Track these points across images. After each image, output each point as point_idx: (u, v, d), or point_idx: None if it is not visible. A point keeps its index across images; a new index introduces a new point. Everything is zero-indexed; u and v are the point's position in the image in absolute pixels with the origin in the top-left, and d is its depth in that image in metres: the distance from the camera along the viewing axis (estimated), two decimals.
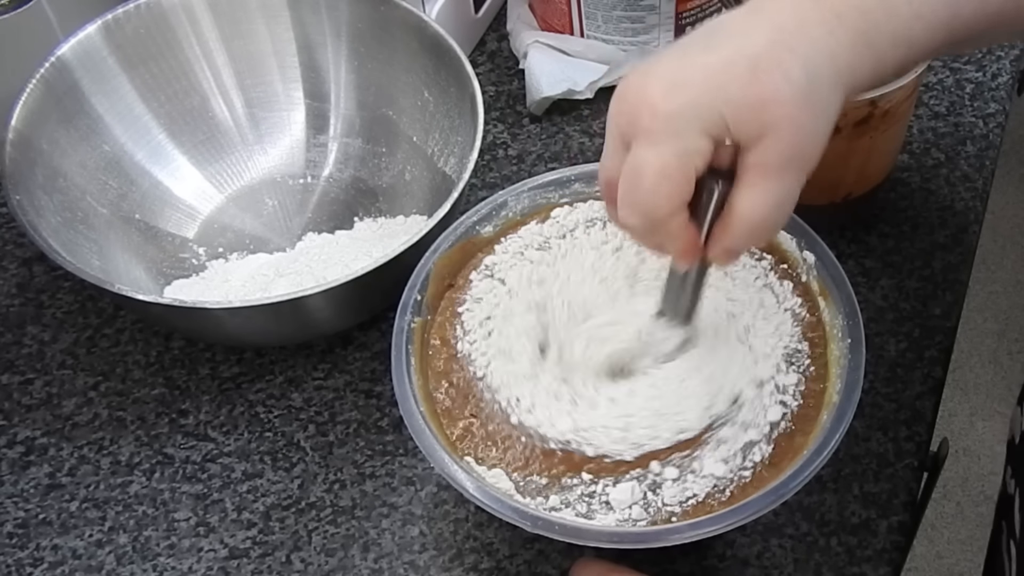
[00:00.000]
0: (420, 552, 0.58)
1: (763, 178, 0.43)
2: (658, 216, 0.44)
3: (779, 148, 0.42)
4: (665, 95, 0.42)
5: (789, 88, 0.42)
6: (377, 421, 0.63)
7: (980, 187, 0.71)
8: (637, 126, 0.43)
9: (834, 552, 0.57)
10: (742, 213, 0.44)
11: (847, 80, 0.44)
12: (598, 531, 0.48)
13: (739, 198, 0.44)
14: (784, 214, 0.45)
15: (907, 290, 0.66)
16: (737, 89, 0.42)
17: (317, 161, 0.75)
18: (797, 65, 0.42)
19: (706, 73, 0.42)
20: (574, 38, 0.78)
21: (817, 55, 0.43)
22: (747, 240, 0.46)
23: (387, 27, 0.70)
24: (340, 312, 0.62)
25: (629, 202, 0.44)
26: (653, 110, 0.42)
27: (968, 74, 0.77)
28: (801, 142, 0.43)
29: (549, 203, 0.60)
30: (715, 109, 0.42)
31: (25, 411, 0.65)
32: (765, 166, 0.43)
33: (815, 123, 0.43)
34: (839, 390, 0.50)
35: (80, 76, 0.68)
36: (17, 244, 0.73)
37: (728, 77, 0.42)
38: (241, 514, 0.60)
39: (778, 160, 0.43)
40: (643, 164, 0.43)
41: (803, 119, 0.42)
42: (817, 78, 0.43)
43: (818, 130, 0.43)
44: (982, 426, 1.64)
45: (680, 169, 0.43)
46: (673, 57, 0.44)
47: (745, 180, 0.43)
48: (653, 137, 0.43)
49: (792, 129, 0.42)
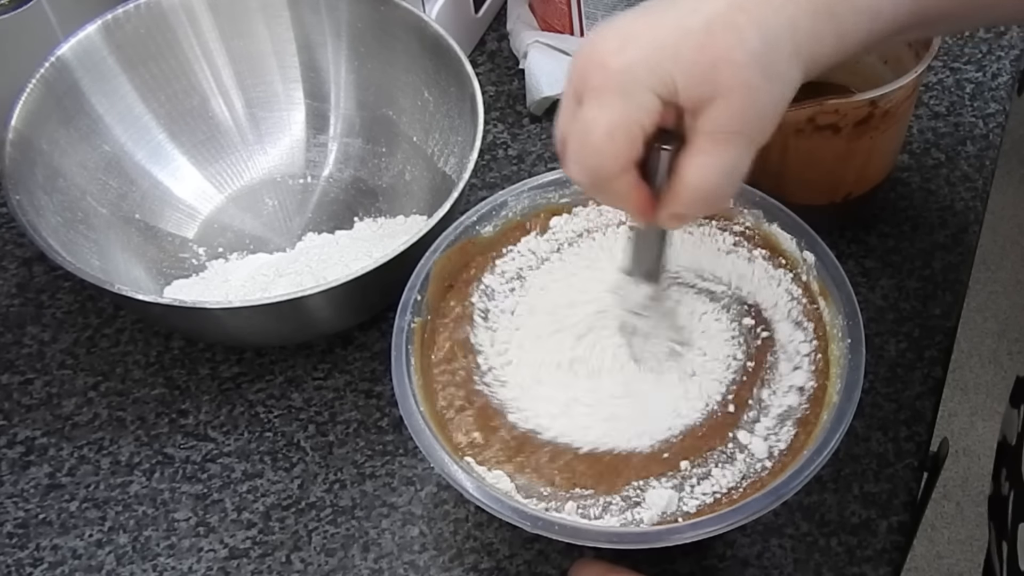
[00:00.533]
0: (420, 552, 0.58)
1: (712, 144, 0.42)
2: (604, 175, 0.43)
3: (729, 113, 0.41)
4: (616, 52, 0.42)
5: (743, 51, 0.41)
6: (377, 421, 0.63)
7: (980, 187, 0.71)
8: (587, 83, 0.43)
9: (834, 552, 0.57)
10: (689, 180, 0.43)
11: (807, 51, 0.43)
12: (598, 531, 0.48)
13: (686, 164, 0.43)
14: (733, 183, 0.44)
15: (907, 290, 0.66)
16: (689, 49, 0.41)
17: (317, 161, 0.75)
18: (753, 29, 0.41)
19: (659, 31, 0.42)
20: (574, 38, 0.78)
21: (776, 21, 0.42)
22: (695, 207, 0.45)
23: (387, 27, 0.70)
24: (340, 312, 0.62)
25: (577, 159, 0.44)
26: (603, 67, 0.42)
27: (968, 74, 0.77)
28: (753, 109, 0.42)
29: (549, 203, 0.60)
30: (665, 68, 0.41)
31: (25, 411, 0.65)
32: (714, 132, 0.42)
33: (769, 91, 0.42)
34: (839, 390, 0.50)
35: (80, 76, 0.68)
36: (17, 244, 0.73)
37: (681, 36, 0.41)
38: (241, 514, 0.60)
39: (728, 126, 0.42)
40: (590, 122, 0.42)
41: (756, 84, 0.41)
42: (775, 45, 0.41)
43: (772, 99, 0.42)
44: (982, 426, 1.64)
45: (626, 127, 0.42)
46: (629, 17, 0.43)
47: (693, 145, 0.43)
48: (601, 94, 0.42)
49: (744, 94, 0.41)
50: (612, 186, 0.44)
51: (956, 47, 0.79)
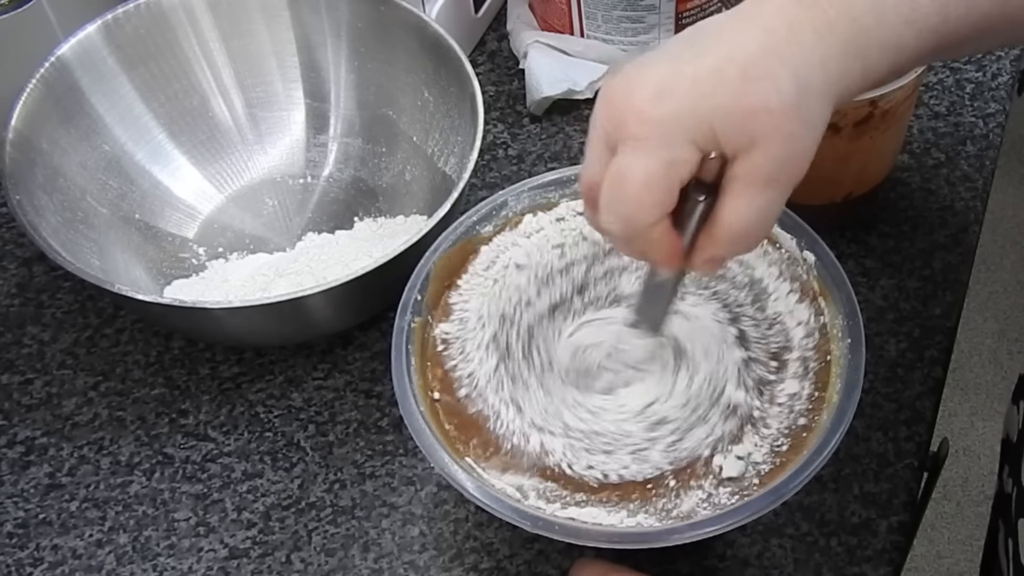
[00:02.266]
0: (420, 552, 0.58)
1: (750, 189, 0.42)
2: (640, 225, 0.43)
3: (767, 160, 0.42)
4: (653, 102, 0.42)
5: (779, 98, 0.41)
6: (377, 421, 0.63)
7: (980, 187, 0.71)
8: (623, 131, 0.42)
9: (834, 552, 0.57)
10: (727, 224, 0.43)
11: (836, 89, 0.43)
12: (598, 531, 0.48)
13: (725, 209, 0.43)
14: (769, 225, 0.44)
15: (907, 290, 0.66)
16: (726, 99, 0.41)
17: (317, 161, 0.75)
18: (787, 74, 0.41)
19: (695, 81, 0.41)
20: (574, 38, 0.78)
21: (808, 64, 0.42)
22: (731, 250, 0.45)
23: (387, 27, 0.70)
24: (340, 312, 0.62)
25: (611, 209, 0.44)
26: (640, 116, 0.42)
27: (968, 74, 0.77)
28: (790, 154, 0.42)
29: (549, 203, 0.60)
30: (703, 119, 0.41)
31: (25, 411, 0.65)
32: (752, 177, 0.42)
33: (804, 134, 0.42)
34: (839, 390, 0.50)
35: (80, 76, 0.68)
36: (17, 244, 0.73)
37: (717, 86, 0.41)
38: (241, 514, 0.60)
39: (766, 172, 0.42)
40: (628, 171, 0.42)
41: (792, 130, 0.42)
42: (807, 88, 0.42)
43: (807, 142, 0.43)
44: (982, 426, 1.64)
45: (665, 179, 0.42)
46: (662, 61, 0.43)
47: (731, 191, 0.43)
48: (639, 144, 0.42)
49: (781, 140, 0.41)
50: (646, 236, 0.44)
51: None
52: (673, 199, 0.43)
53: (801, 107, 0.42)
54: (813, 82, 0.42)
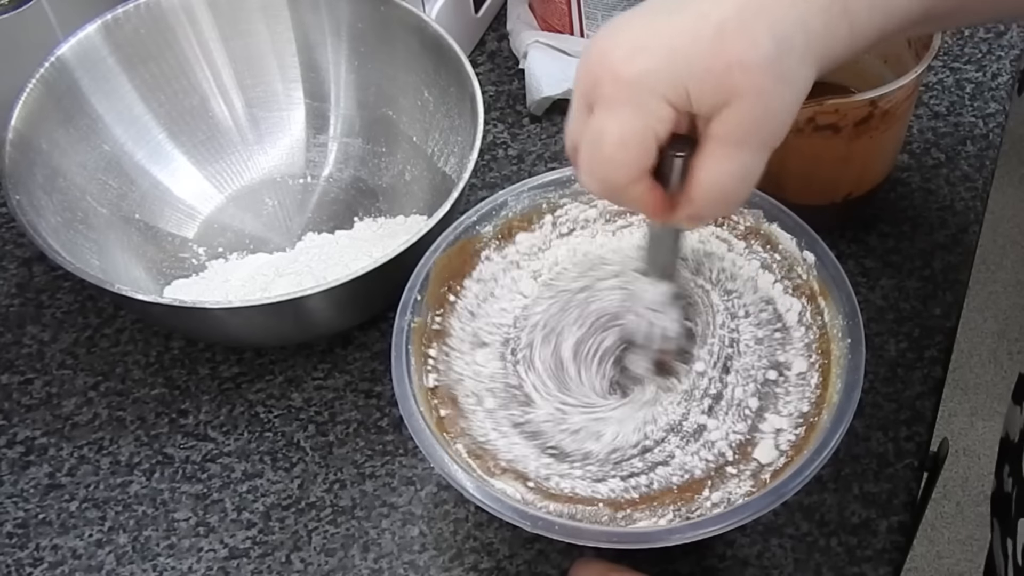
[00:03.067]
0: (420, 552, 0.58)
1: (725, 148, 0.42)
2: (617, 184, 0.43)
3: (742, 117, 0.41)
4: (627, 60, 0.41)
5: (755, 54, 0.40)
6: (377, 421, 0.63)
7: (980, 187, 0.71)
8: (598, 91, 0.42)
9: (834, 552, 0.57)
10: (703, 183, 0.43)
11: (819, 50, 0.42)
12: (598, 531, 0.48)
13: (700, 168, 0.43)
14: (747, 185, 0.44)
15: (907, 290, 0.66)
16: (700, 56, 0.40)
17: (317, 161, 0.75)
18: (764, 30, 0.40)
19: (670, 38, 0.41)
20: (574, 38, 0.78)
21: (787, 21, 0.41)
22: (709, 209, 0.45)
23: (387, 27, 0.70)
24: (340, 312, 0.62)
25: (589, 169, 0.44)
26: (614, 76, 0.41)
27: (968, 74, 0.77)
28: (766, 112, 0.41)
29: (549, 203, 0.60)
30: (677, 76, 0.41)
31: (25, 411, 0.65)
32: (727, 136, 0.42)
33: (782, 93, 0.42)
34: (839, 390, 0.50)
35: (80, 76, 0.68)
36: (17, 244, 0.73)
37: (692, 42, 0.41)
38: (241, 514, 0.60)
39: (741, 130, 0.41)
40: (602, 132, 0.42)
41: (769, 87, 0.41)
42: (787, 46, 0.41)
43: (785, 101, 0.42)
44: (982, 426, 1.64)
45: (639, 138, 0.42)
46: (637, 19, 0.43)
47: (707, 149, 0.42)
48: (613, 104, 0.42)
49: (757, 98, 0.41)
50: (626, 193, 0.44)
51: (956, 47, 0.79)
52: (649, 157, 0.42)
53: (780, 64, 0.41)
54: (792, 39, 0.41)
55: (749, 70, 0.40)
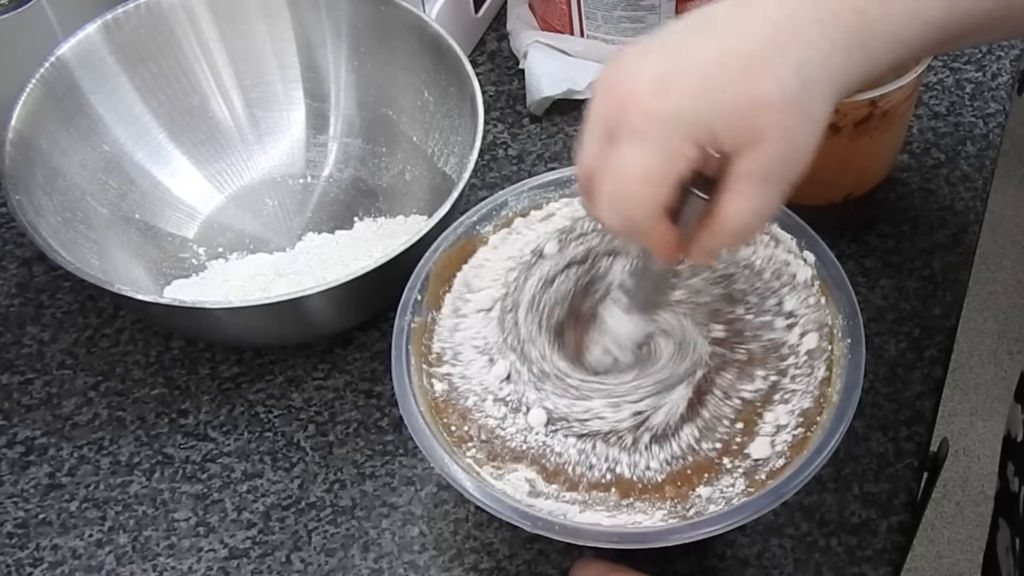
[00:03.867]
0: (420, 552, 0.58)
1: (751, 186, 0.42)
2: (636, 221, 0.43)
3: (769, 156, 0.41)
4: (655, 94, 0.41)
5: (781, 94, 0.40)
6: (377, 421, 0.63)
7: (980, 187, 0.71)
8: (623, 122, 0.42)
9: (834, 552, 0.57)
10: (727, 220, 0.43)
11: (839, 83, 0.43)
12: (598, 531, 0.48)
13: (724, 204, 0.43)
14: (767, 220, 0.44)
15: (907, 290, 0.66)
16: (729, 94, 0.40)
17: (317, 161, 0.75)
18: (790, 69, 0.41)
19: (699, 74, 0.41)
20: (574, 38, 0.78)
21: (811, 58, 0.41)
22: (728, 244, 0.45)
23: (387, 27, 0.70)
24: (340, 312, 0.62)
25: (609, 204, 0.43)
26: (642, 109, 0.41)
27: (968, 74, 0.77)
28: (791, 150, 0.42)
29: (549, 203, 0.60)
30: (706, 115, 0.41)
31: (25, 411, 0.65)
32: (754, 174, 0.42)
33: (806, 130, 0.42)
34: (839, 390, 0.50)
35: (80, 76, 0.68)
36: (17, 244, 0.73)
37: (720, 80, 0.41)
38: (241, 514, 0.60)
39: (768, 168, 0.42)
40: (627, 167, 0.42)
41: (794, 126, 0.41)
42: (810, 82, 0.41)
43: (809, 137, 0.42)
44: (982, 426, 1.64)
45: (664, 176, 0.41)
46: (663, 49, 0.42)
47: (731, 187, 0.42)
48: (639, 138, 0.41)
49: (782, 137, 0.41)
50: (643, 231, 0.44)
51: None
52: (671, 196, 0.42)
53: (803, 102, 0.41)
54: (816, 77, 0.41)
55: (776, 110, 0.40)
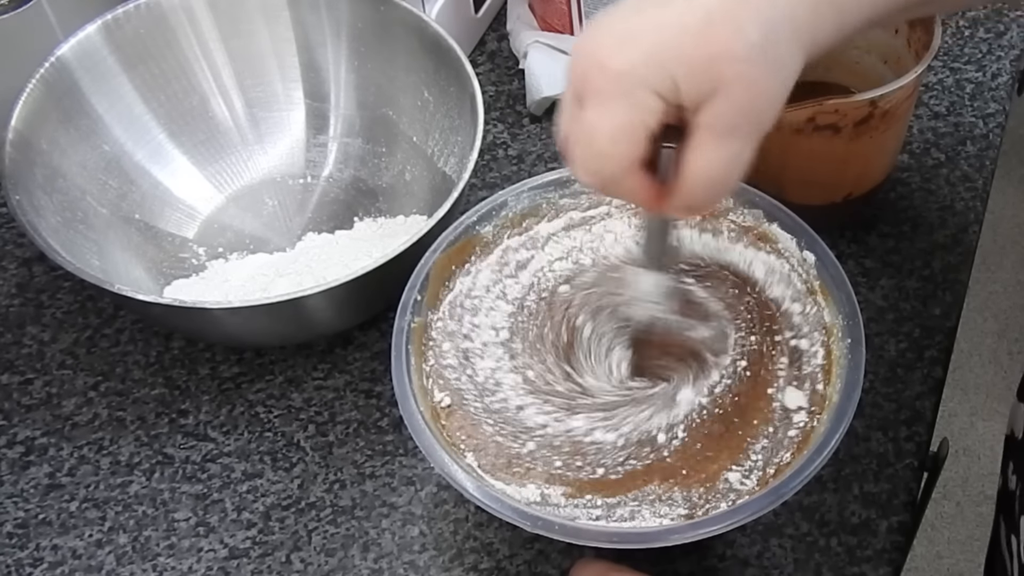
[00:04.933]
0: (420, 552, 0.58)
1: (713, 138, 0.42)
2: (610, 176, 0.43)
3: (730, 107, 0.41)
4: (614, 53, 0.41)
5: (742, 44, 0.40)
6: (377, 421, 0.63)
7: (980, 187, 0.71)
8: (587, 85, 0.42)
9: (834, 552, 0.57)
10: (692, 173, 0.43)
11: (807, 36, 0.42)
12: (598, 531, 0.48)
13: (689, 158, 0.43)
14: (737, 173, 0.43)
15: (907, 290, 0.66)
16: (687, 46, 0.40)
17: (317, 161, 0.75)
18: (752, 20, 0.40)
19: (657, 29, 0.41)
20: (574, 38, 0.78)
21: (774, 8, 0.41)
22: (700, 198, 0.45)
23: (387, 27, 0.70)
24: (340, 312, 0.62)
25: (581, 163, 0.44)
26: (603, 68, 0.41)
27: (968, 74, 0.77)
28: (753, 101, 0.41)
29: (549, 203, 0.60)
30: (665, 68, 0.41)
31: (25, 411, 0.65)
32: (715, 125, 0.42)
33: (770, 81, 0.42)
34: (839, 390, 0.50)
35: (80, 76, 0.68)
36: (17, 244, 0.73)
37: (678, 33, 0.41)
38: (241, 514, 0.60)
39: (729, 119, 0.41)
40: (593, 126, 0.42)
41: (756, 76, 0.41)
42: (774, 34, 0.41)
43: (773, 89, 0.42)
44: (982, 426, 1.64)
45: (630, 130, 0.42)
46: (627, 12, 0.42)
47: (695, 139, 0.42)
48: (603, 97, 0.42)
49: (744, 87, 0.41)
50: (619, 185, 0.44)
51: (956, 47, 0.79)
52: (640, 149, 0.42)
53: (767, 52, 0.41)
54: (779, 26, 0.41)
55: (735, 59, 0.40)
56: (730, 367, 0.53)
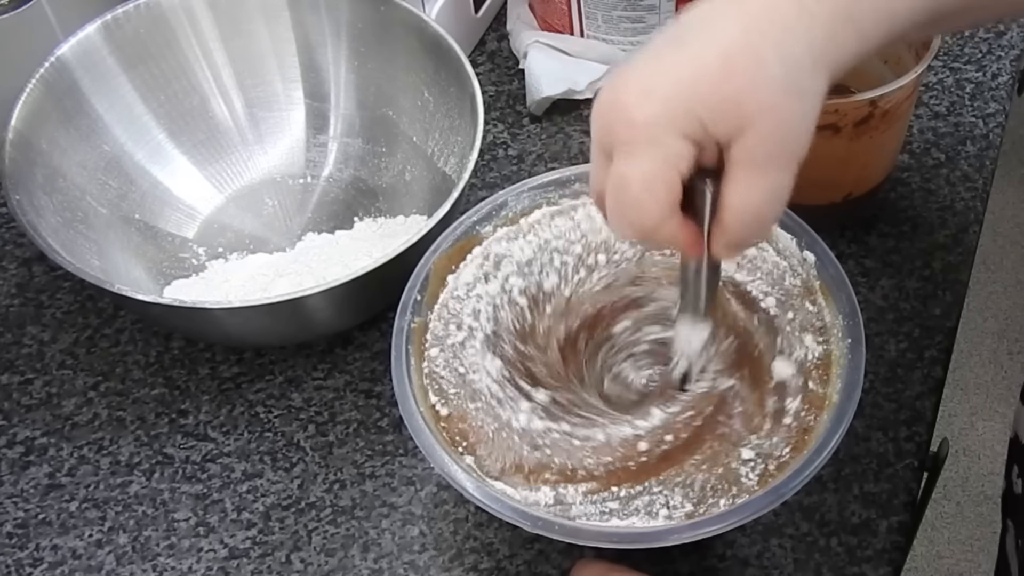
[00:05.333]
0: (420, 552, 0.58)
1: (748, 172, 0.42)
2: (648, 226, 0.43)
3: (760, 140, 0.41)
4: (637, 103, 0.41)
5: (763, 76, 0.40)
6: (377, 421, 0.63)
7: (980, 187, 0.71)
8: (614, 138, 0.42)
9: (834, 552, 0.57)
10: (732, 209, 0.43)
11: (829, 59, 0.42)
12: (598, 531, 0.48)
13: (727, 195, 0.43)
14: (778, 206, 0.43)
15: (907, 290, 0.66)
16: (709, 84, 0.40)
17: (317, 161, 0.75)
18: (771, 51, 0.40)
19: (676, 72, 0.41)
20: (574, 38, 0.78)
21: (792, 38, 0.41)
22: (744, 234, 0.44)
23: (387, 27, 0.70)
24: (340, 312, 0.62)
25: (618, 217, 0.43)
26: (628, 121, 0.41)
27: (968, 74, 0.77)
28: (784, 131, 0.41)
29: (549, 203, 0.60)
30: (689, 111, 0.41)
31: (25, 411, 0.65)
32: (748, 160, 0.42)
33: (796, 110, 0.41)
34: (839, 390, 0.50)
35: (80, 76, 0.68)
36: (17, 244, 0.73)
37: (699, 75, 0.41)
38: (241, 514, 0.60)
39: (763, 152, 0.41)
40: (625, 178, 0.42)
41: (781, 107, 0.41)
42: (795, 62, 0.41)
43: (801, 116, 0.42)
44: (982, 426, 1.64)
45: (662, 177, 0.42)
46: (645, 60, 0.42)
47: (731, 176, 0.42)
48: (631, 148, 0.42)
49: (771, 119, 0.41)
50: (659, 234, 0.44)
51: (956, 47, 0.79)
52: (675, 195, 0.42)
53: (789, 82, 0.41)
54: (800, 55, 0.41)
55: (759, 91, 0.40)
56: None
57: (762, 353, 0.53)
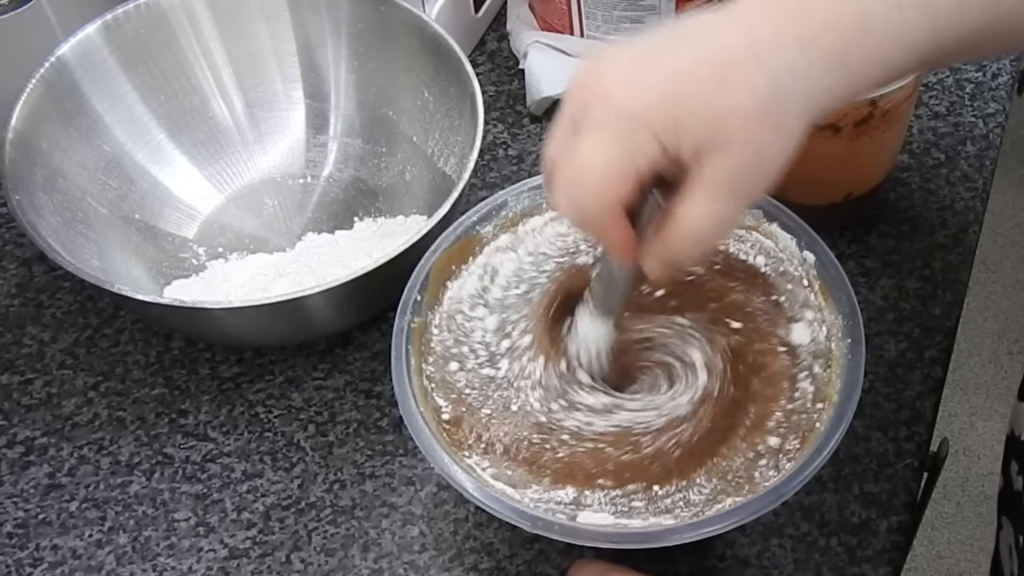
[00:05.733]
0: (420, 552, 0.58)
1: (710, 194, 0.41)
2: (590, 213, 0.42)
3: (732, 165, 0.40)
4: (621, 87, 0.40)
5: (753, 104, 0.39)
6: (377, 421, 0.63)
7: (980, 187, 0.71)
8: (588, 114, 0.41)
9: (834, 552, 0.57)
10: (681, 227, 0.42)
11: (816, 101, 0.42)
12: (598, 531, 0.48)
13: (681, 211, 0.41)
14: (722, 235, 0.43)
15: (907, 290, 0.66)
16: (697, 96, 0.40)
17: (317, 161, 0.75)
18: (764, 79, 0.40)
19: (668, 72, 0.40)
20: (574, 38, 0.78)
21: (787, 72, 0.40)
22: (684, 254, 0.43)
23: (387, 27, 0.70)
24: (340, 312, 0.62)
25: (565, 193, 0.42)
26: (607, 102, 0.40)
27: (968, 74, 0.77)
28: (755, 162, 0.41)
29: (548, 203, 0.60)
30: (670, 113, 0.40)
31: (25, 411, 0.65)
32: (715, 183, 0.41)
33: (773, 143, 0.41)
34: (839, 390, 0.50)
35: (80, 76, 0.68)
36: (17, 244, 0.73)
37: (690, 82, 0.40)
38: (241, 514, 0.60)
39: (728, 178, 0.40)
40: (586, 157, 0.41)
41: (761, 137, 0.40)
42: (784, 98, 0.40)
43: (776, 152, 0.41)
44: (982, 426, 1.64)
45: (621, 170, 0.40)
46: (640, 47, 0.41)
47: (690, 193, 0.41)
48: (600, 130, 0.40)
49: (749, 147, 0.40)
50: (597, 225, 0.43)
51: None
52: (628, 191, 0.41)
53: (774, 114, 0.40)
54: (790, 91, 0.40)
55: (744, 118, 0.39)
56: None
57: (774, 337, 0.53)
